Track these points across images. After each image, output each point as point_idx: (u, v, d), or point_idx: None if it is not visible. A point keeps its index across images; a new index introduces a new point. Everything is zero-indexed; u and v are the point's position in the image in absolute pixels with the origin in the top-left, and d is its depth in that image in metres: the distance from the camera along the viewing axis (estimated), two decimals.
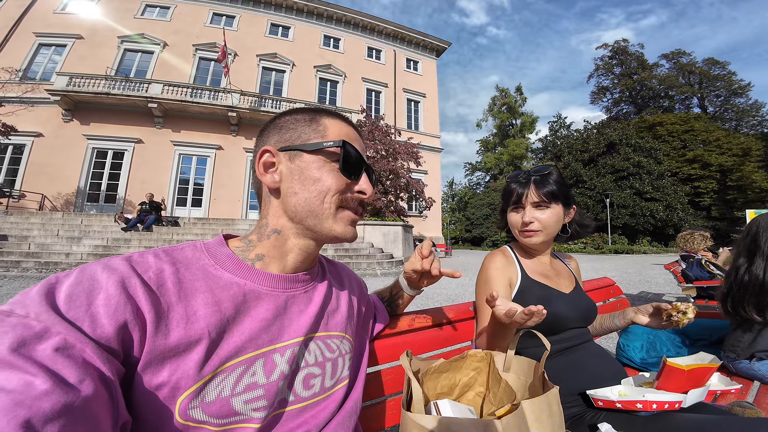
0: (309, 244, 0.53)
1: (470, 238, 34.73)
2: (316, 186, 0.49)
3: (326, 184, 0.50)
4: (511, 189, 0.92)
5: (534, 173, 0.91)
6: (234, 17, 16.19)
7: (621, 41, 37.74)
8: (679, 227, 23.81)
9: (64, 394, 0.28)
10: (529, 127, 40.42)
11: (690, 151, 27.57)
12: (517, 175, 0.94)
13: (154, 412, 0.37)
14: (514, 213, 0.93)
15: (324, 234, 0.51)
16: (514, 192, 0.91)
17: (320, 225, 0.50)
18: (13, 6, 13.54)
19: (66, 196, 11.93)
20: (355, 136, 0.54)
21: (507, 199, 0.94)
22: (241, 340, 0.43)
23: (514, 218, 0.92)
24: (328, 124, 0.52)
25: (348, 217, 0.53)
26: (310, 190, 0.49)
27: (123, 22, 14.29)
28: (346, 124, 0.54)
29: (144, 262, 0.41)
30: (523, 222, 0.90)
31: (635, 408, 0.71)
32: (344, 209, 0.52)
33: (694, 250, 3.27)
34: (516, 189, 0.91)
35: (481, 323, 0.86)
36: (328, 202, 0.50)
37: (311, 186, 0.49)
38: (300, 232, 0.51)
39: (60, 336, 0.31)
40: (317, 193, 0.49)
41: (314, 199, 0.49)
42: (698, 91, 33.30)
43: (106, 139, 12.59)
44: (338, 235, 0.51)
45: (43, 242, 7.20)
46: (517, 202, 0.91)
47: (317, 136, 0.51)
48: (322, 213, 0.50)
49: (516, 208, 0.92)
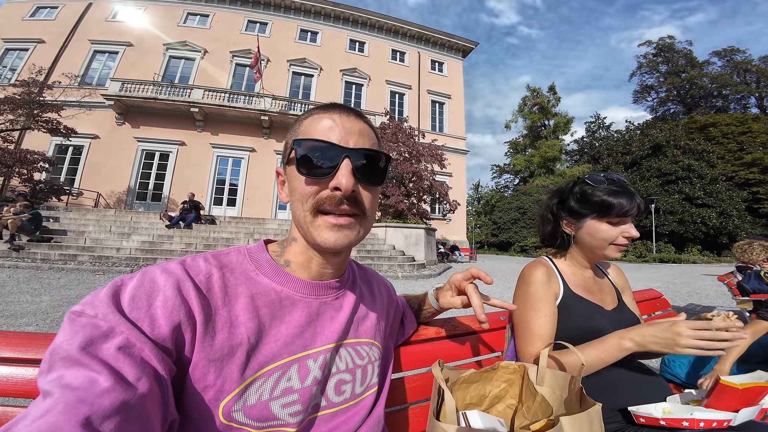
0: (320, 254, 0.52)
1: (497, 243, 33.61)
2: (296, 195, 0.48)
3: (298, 192, 0.47)
4: (617, 201, 0.81)
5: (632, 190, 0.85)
6: (267, 24, 16.99)
7: (666, 38, 35.05)
8: (735, 236, 21.56)
9: (123, 391, 0.30)
10: (564, 128, 38.49)
11: (748, 154, 24.94)
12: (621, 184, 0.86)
13: (199, 412, 0.39)
14: (609, 225, 0.84)
15: (312, 244, 0.48)
16: (621, 204, 0.81)
17: (307, 235, 0.48)
18: (69, 13, 15.10)
19: (118, 195, 13.05)
20: (331, 124, 0.46)
21: (606, 209, 0.83)
22: (278, 346, 0.45)
23: (609, 231, 0.83)
24: (304, 125, 0.48)
25: (326, 223, 0.46)
26: (293, 202, 0.49)
27: (167, 30, 15.46)
28: (323, 113, 0.48)
29: (196, 266, 0.44)
30: (631, 236, 0.83)
31: (680, 426, 0.67)
32: (321, 214, 0.46)
33: (752, 261, 3.00)
34: (623, 201, 0.82)
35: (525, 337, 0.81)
36: (304, 209, 0.46)
37: (293, 197, 0.48)
38: (307, 242, 0.51)
39: (123, 335, 0.33)
40: (297, 203, 0.48)
41: (297, 210, 0.48)
42: (756, 91, 30.50)
43: (153, 141, 13.66)
44: (319, 244, 0.46)
45: (97, 237, 7.85)
46: (621, 215, 0.82)
47: None
48: (303, 223, 0.47)
49: (616, 221, 0.83)
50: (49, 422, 0.26)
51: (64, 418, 0.26)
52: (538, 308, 0.82)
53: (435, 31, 19.77)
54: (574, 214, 0.89)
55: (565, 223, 0.92)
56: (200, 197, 12.44)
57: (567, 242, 0.93)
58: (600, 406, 0.46)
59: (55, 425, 0.25)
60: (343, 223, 0.46)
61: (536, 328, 0.80)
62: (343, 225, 0.46)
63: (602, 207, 0.83)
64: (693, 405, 0.76)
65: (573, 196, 0.90)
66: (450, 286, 0.69)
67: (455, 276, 0.67)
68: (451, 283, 0.68)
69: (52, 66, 13.86)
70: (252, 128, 14.51)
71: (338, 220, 0.46)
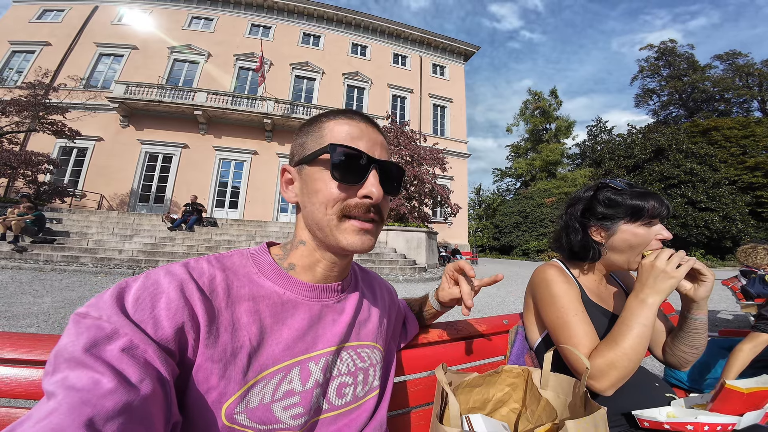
0: (331, 256, 0.51)
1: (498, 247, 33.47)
2: (317, 198, 0.48)
3: (324, 195, 0.47)
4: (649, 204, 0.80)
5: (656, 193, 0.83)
6: (270, 27, 17.13)
7: (668, 42, 35.11)
8: (738, 240, 21.44)
9: (126, 393, 0.30)
10: (565, 131, 38.54)
11: (751, 158, 24.76)
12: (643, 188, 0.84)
13: (202, 414, 0.39)
14: (645, 228, 0.81)
15: (333, 246, 0.49)
16: (654, 206, 0.80)
17: (327, 238, 0.48)
18: (75, 16, 15.29)
19: (121, 197, 13.11)
20: (359, 133, 0.49)
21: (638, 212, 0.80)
22: (279, 349, 0.45)
23: (646, 234, 0.80)
24: (327, 128, 0.49)
25: (352, 227, 0.47)
26: (314, 203, 0.48)
27: (172, 34, 15.62)
28: (349, 120, 0.50)
29: (199, 268, 0.44)
30: (665, 238, 0.80)
31: (685, 430, 0.67)
32: (349, 219, 0.48)
33: (756, 265, 2.98)
34: (655, 203, 0.80)
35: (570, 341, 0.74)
36: (329, 213, 0.47)
37: (314, 198, 0.48)
38: (319, 244, 0.51)
39: (127, 337, 0.33)
40: (318, 205, 0.47)
41: (317, 212, 0.48)
42: (758, 94, 30.28)
43: (157, 143, 13.74)
44: (345, 247, 0.48)
45: (100, 239, 7.88)
46: (653, 217, 0.80)
47: (316, 144, 0.49)
48: (326, 225, 0.47)
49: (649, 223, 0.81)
50: (52, 423, 0.26)
51: (67, 419, 0.26)
52: (573, 307, 0.77)
53: (436, 35, 19.89)
54: (605, 219, 0.84)
55: (594, 231, 0.86)
56: (202, 200, 12.48)
57: (598, 253, 0.86)
58: (605, 410, 0.45)
59: (58, 426, 0.26)
60: (368, 228, 0.48)
61: (579, 327, 0.74)
62: (368, 230, 0.48)
63: (635, 210, 0.80)
64: (697, 409, 0.75)
65: (600, 202, 0.85)
66: (446, 278, 0.71)
67: (447, 266, 0.71)
68: (446, 273, 0.71)
69: (58, 68, 14.01)
70: (254, 131, 14.58)
71: (363, 225, 0.48)
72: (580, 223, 0.88)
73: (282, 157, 14.74)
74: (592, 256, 0.86)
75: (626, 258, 0.82)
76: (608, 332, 0.77)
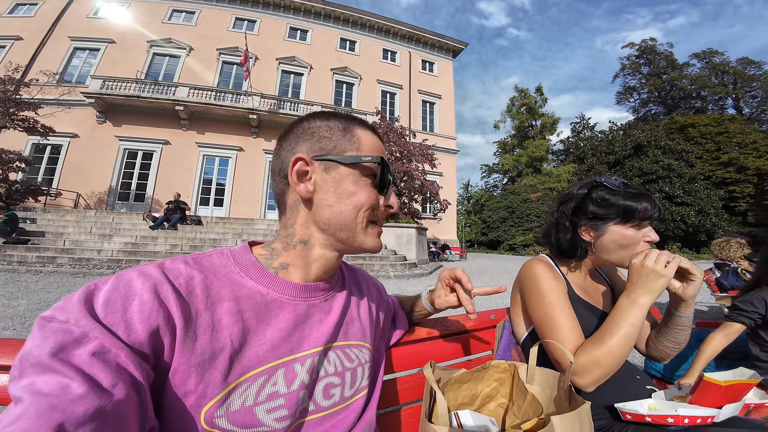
0: (334, 255, 0.53)
1: (486, 242, 33.97)
2: (352, 200, 0.49)
3: (361, 199, 0.50)
4: (641, 206, 0.80)
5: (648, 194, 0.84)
6: (255, 21, 16.69)
7: (649, 40, 36.11)
8: (713, 233, 22.43)
9: (97, 398, 0.29)
10: (550, 128, 39.21)
11: (725, 154, 25.92)
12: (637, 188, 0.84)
13: (180, 419, 0.38)
14: (633, 229, 0.81)
15: (355, 247, 0.52)
16: (646, 208, 0.80)
17: (353, 238, 0.51)
18: (49, 9, 14.50)
19: (99, 195, 12.61)
20: (381, 147, 0.54)
21: (630, 214, 0.80)
22: (263, 350, 0.44)
23: (635, 236, 0.81)
24: (361, 136, 0.52)
25: (377, 231, 0.53)
26: (345, 204, 0.49)
27: (151, 27, 15.01)
28: (376, 136, 0.54)
29: (175, 269, 0.42)
30: (652, 240, 0.81)
31: (666, 423, 0.68)
32: (373, 224, 0.53)
33: (730, 258, 3.11)
34: (647, 205, 0.80)
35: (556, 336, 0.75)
36: (361, 216, 0.50)
37: (346, 200, 0.49)
38: (329, 243, 0.51)
39: (97, 341, 0.32)
40: (352, 207, 0.49)
41: (349, 213, 0.49)
42: (733, 92, 31.38)
43: (136, 140, 13.24)
44: (369, 249, 0.52)
45: (77, 239, 7.57)
46: (645, 218, 0.81)
47: (353, 149, 0.50)
48: (355, 227, 0.50)
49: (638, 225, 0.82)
50: (20, 429, 0.25)
51: (36, 424, 0.25)
52: (560, 303, 0.78)
53: (425, 31, 19.85)
54: (596, 219, 0.84)
55: (584, 230, 0.86)
56: (186, 197, 12.12)
57: (585, 252, 0.87)
58: (589, 405, 0.46)
59: None
60: (382, 232, 0.56)
61: (566, 323, 0.75)
62: (381, 233, 0.55)
63: (626, 211, 0.80)
64: (677, 401, 0.77)
65: (593, 201, 0.84)
66: (442, 285, 0.72)
67: (443, 273, 0.72)
68: (441, 281, 0.72)
69: (30, 63, 13.24)
70: (240, 127, 14.23)
71: (380, 229, 0.54)
72: (571, 222, 0.88)
73: (270, 154, 14.48)
74: (579, 254, 0.87)
75: (619, 256, 0.83)
76: (593, 327, 0.79)
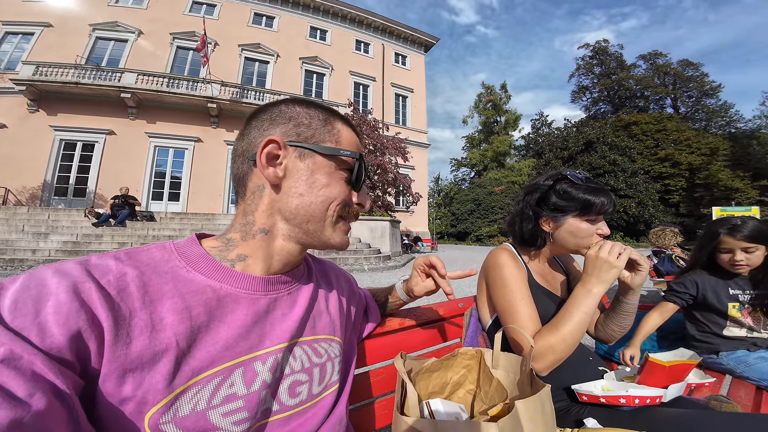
0: (297, 248, 0.50)
1: (455, 233, 35.18)
2: (324, 192, 0.48)
3: (334, 192, 0.49)
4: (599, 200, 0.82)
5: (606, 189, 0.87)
6: (215, 6, 15.47)
7: (602, 41, 38.85)
8: (650, 223, 24.99)
9: (11, 409, 0.26)
10: (513, 124, 41.14)
11: (662, 150, 28.94)
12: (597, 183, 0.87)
13: (120, 427, 0.35)
14: (588, 223, 0.85)
15: (322, 241, 0.50)
16: (603, 203, 0.83)
17: (319, 232, 0.49)
18: None
19: (31, 190, 11.19)
20: (360, 146, 0.54)
21: (588, 207, 0.83)
22: (216, 350, 0.41)
23: (588, 229, 0.85)
24: (341, 130, 0.51)
25: (345, 228, 0.53)
26: (317, 195, 0.48)
27: (95, 10, 13.38)
28: (355, 134, 0.54)
29: (102, 266, 0.38)
30: (604, 234, 0.85)
31: (618, 403, 0.74)
32: (343, 219, 0.52)
33: (665, 245, 3.38)
34: (604, 200, 0.83)
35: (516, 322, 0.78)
36: (332, 210, 0.49)
37: (318, 191, 0.48)
38: (293, 234, 0.49)
39: (5, 347, 0.28)
40: (324, 198, 0.48)
41: (319, 205, 0.48)
42: (672, 92, 34.46)
43: (75, 130, 11.83)
44: (335, 245, 0.52)
45: (7, 238, 6.79)
46: (600, 213, 0.84)
47: (332, 140, 0.49)
48: (324, 220, 0.49)
49: (594, 219, 0.85)
50: None
51: None
52: (521, 291, 0.82)
53: (399, 24, 19.69)
54: (556, 211, 0.87)
55: (544, 221, 0.90)
56: (135, 192, 11.17)
57: (543, 242, 0.92)
58: (549, 387, 0.49)
59: None
60: (350, 228, 0.55)
61: (525, 310, 0.79)
62: (349, 230, 0.54)
63: (585, 205, 0.83)
64: (627, 381, 0.84)
65: (556, 193, 0.88)
66: (417, 272, 0.74)
67: (417, 261, 0.74)
68: (416, 268, 0.74)
69: None
70: (198, 116, 13.22)
71: (348, 226, 0.54)
72: (534, 212, 0.91)
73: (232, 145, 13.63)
74: (539, 243, 0.92)
75: (573, 246, 0.88)
76: (552, 313, 0.83)
